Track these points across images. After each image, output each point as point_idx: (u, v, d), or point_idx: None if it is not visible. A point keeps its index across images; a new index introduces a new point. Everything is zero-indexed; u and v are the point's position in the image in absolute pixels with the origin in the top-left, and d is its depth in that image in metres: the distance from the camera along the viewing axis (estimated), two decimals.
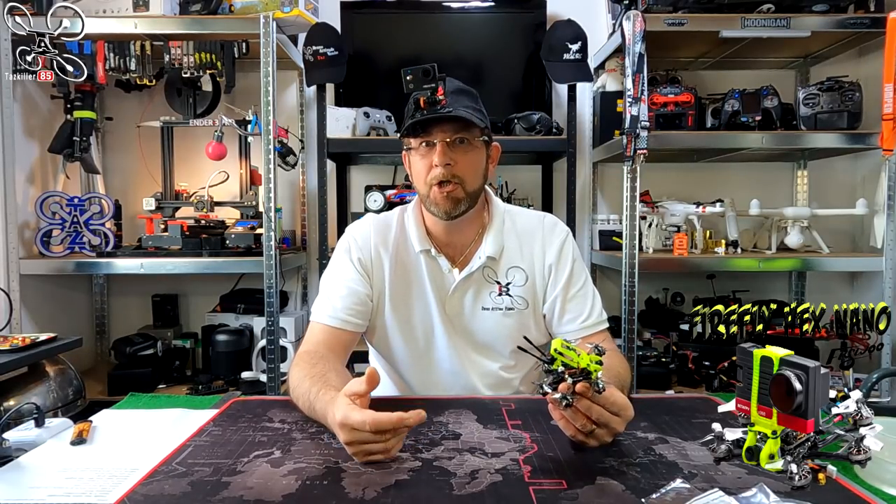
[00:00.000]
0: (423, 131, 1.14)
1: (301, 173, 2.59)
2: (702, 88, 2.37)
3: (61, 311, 2.41)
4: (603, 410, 0.82)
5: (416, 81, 1.09)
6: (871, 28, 2.03)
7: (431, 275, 1.23)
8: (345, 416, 0.81)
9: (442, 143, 1.12)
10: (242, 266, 2.17)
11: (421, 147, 1.15)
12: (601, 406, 0.82)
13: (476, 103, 1.19)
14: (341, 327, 1.18)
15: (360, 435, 0.80)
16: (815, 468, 0.75)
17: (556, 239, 1.25)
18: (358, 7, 2.45)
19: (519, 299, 1.23)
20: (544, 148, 2.32)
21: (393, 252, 1.24)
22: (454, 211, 1.16)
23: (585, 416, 0.82)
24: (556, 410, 0.84)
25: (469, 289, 1.23)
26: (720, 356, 2.11)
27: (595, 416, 0.82)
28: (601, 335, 1.23)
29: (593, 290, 1.26)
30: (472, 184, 1.17)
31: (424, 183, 1.16)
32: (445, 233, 1.23)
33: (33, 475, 0.81)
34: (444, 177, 1.13)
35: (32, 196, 2.22)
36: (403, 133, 1.16)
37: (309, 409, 0.98)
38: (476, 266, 1.22)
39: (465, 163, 1.15)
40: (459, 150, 1.14)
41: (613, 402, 0.83)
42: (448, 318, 1.23)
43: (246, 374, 2.25)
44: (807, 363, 0.75)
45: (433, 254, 1.22)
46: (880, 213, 2.16)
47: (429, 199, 1.17)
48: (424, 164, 1.15)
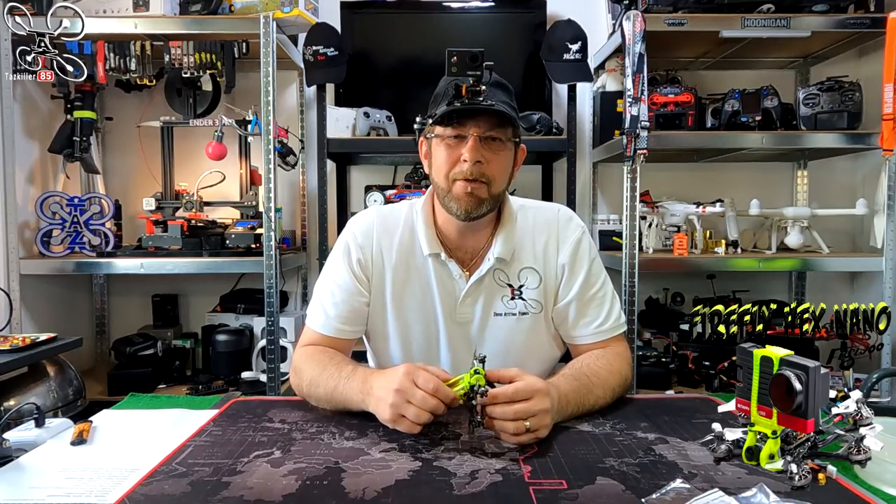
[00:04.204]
0: (457, 121, 1.05)
1: (301, 173, 2.59)
2: (702, 88, 2.37)
3: (61, 311, 2.41)
4: (510, 407, 0.86)
5: (461, 66, 0.99)
6: (871, 28, 2.03)
7: (440, 280, 1.15)
8: (415, 367, 0.90)
9: (475, 138, 1.04)
10: (242, 266, 2.18)
11: (449, 137, 1.07)
12: (504, 404, 0.86)
13: (512, 100, 1.11)
14: (335, 336, 1.15)
15: (413, 389, 0.87)
16: (815, 468, 0.75)
17: (570, 236, 1.17)
18: (358, 7, 2.45)
19: (533, 303, 1.16)
20: (544, 148, 2.32)
21: (397, 252, 1.16)
22: (475, 211, 1.08)
23: (504, 419, 0.86)
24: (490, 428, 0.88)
25: (480, 294, 1.15)
26: (720, 356, 2.11)
27: (511, 415, 0.86)
28: (614, 340, 1.16)
29: (612, 293, 1.19)
30: (499, 186, 1.09)
31: (446, 176, 1.08)
32: (458, 234, 1.15)
33: (33, 475, 0.81)
34: (471, 174, 1.05)
35: (32, 196, 2.22)
36: (436, 120, 1.06)
37: (332, 392, 1.01)
38: (486, 269, 1.14)
39: (496, 163, 1.07)
40: (492, 148, 1.06)
41: (513, 392, 0.87)
42: (456, 326, 1.16)
43: (246, 374, 2.25)
44: (807, 363, 0.75)
45: (443, 258, 1.14)
46: (880, 213, 2.16)
47: (449, 193, 1.08)
48: (450, 157, 1.07)
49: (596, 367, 1.07)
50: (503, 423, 0.86)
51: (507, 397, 0.86)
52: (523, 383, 0.88)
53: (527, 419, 0.85)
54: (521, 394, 0.86)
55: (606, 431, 0.94)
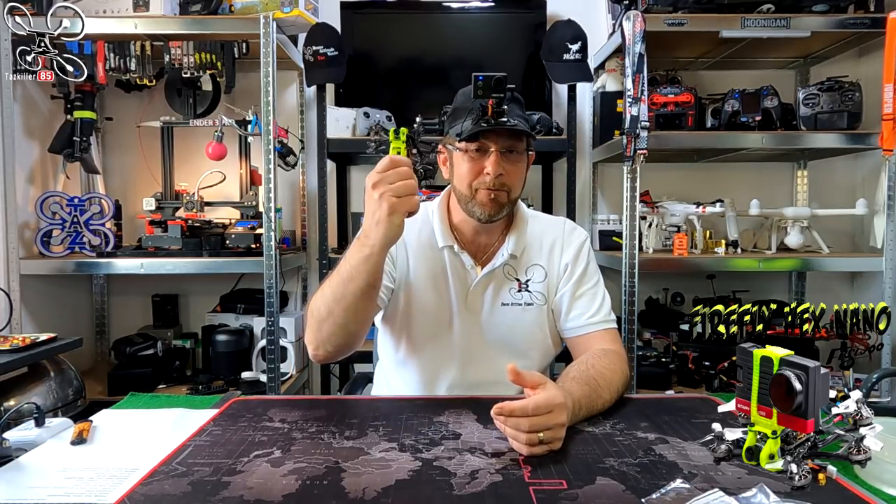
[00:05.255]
0: (481, 137, 1.18)
1: (301, 173, 2.59)
2: (702, 88, 2.37)
3: (61, 311, 2.41)
4: (527, 420, 0.84)
5: (486, 89, 1.10)
6: (871, 28, 2.03)
7: (454, 269, 1.27)
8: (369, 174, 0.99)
9: (497, 154, 1.17)
10: (242, 266, 2.17)
11: (472, 151, 1.19)
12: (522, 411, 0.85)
13: (524, 112, 1.26)
14: None
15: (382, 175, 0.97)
16: (815, 468, 0.75)
17: (575, 241, 1.31)
18: (358, 7, 2.45)
19: (537, 295, 1.27)
20: (544, 148, 2.32)
21: (417, 244, 1.28)
22: (496, 215, 1.21)
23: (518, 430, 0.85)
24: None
25: (490, 284, 1.27)
26: (720, 356, 2.11)
27: (526, 427, 0.84)
28: (608, 334, 1.25)
29: (603, 292, 1.29)
30: (516, 192, 1.23)
31: (468, 186, 1.20)
32: (473, 233, 1.28)
33: (33, 475, 0.81)
34: (494, 185, 1.17)
35: (32, 196, 2.22)
36: (463, 137, 1.18)
37: (336, 278, 1.06)
38: (498, 263, 1.26)
39: (514, 172, 1.20)
40: (510, 159, 1.19)
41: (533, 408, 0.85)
42: (467, 313, 1.26)
43: (246, 374, 2.25)
44: (807, 363, 0.75)
45: (456, 250, 1.26)
46: (880, 213, 2.16)
47: (473, 200, 1.20)
48: (473, 168, 1.19)
49: (601, 368, 1.10)
50: (517, 433, 0.85)
51: (525, 412, 0.85)
52: (543, 398, 0.86)
53: (541, 432, 0.85)
54: (541, 409, 0.85)
55: (606, 431, 0.94)
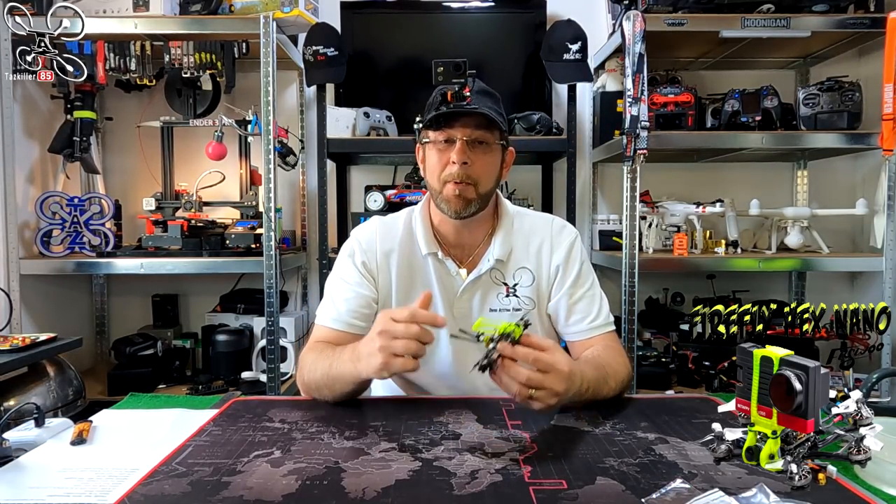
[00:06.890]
0: (445, 124, 1.14)
1: (301, 173, 2.59)
2: (702, 88, 2.37)
3: (61, 311, 2.41)
4: (525, 372, 0.86)
5: (446, 75, 1.08)
6: (871, 28, 2.03)
7: (439, 277, 1.23)
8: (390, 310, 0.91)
9: (461, 141, 1.13)
10: (242, 266, 2.18)
11: (439, 142, 1.15)
12: (523, 357, 0.86)
13: (498, 106, 1.20)
14: (346, 330, 1.18)
15: (393, 325, 0.88)
16: (815, 468, 0.75)
17: (564, 240, 1.26)
18: (358, 7, 2.45)
19: (526, 299, 1.24)
20: (544, 148, 2.32)
21: (399, 255, 1.24)
22: (464, 211, 1.16)
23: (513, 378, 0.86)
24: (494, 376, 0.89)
25: (477, 290, 1.24)
26: (720, 356, 2.11)
27: (522, 379, 0.86)
28: (609, 336, 1.23)
29: (601, 293, 1.27)
30: (485, 186, 1.17)
31: (437, 179, 1.16)
32: (455, 233, 1.24)
33: (33, 475, 0.81)
34: (459, 177, 1.13)
35: (32, 196, 2.22)
36: (425, 125, 1.16)
37: (328, 370, 1.03)
38: (484, 269, 1.22)
39: (482, 164, 1.15)
40: (478, 150, 1.15)
41: (533, 359, 0.87)
42: (454, 320, 1.22)
43: (246, 374, 2.25)
44: (807, 363, 0.75)
45: (440, 257, 1.22)
46: (880, 213, 2.16)
47: (441, 195, 1.17)
48: (440, 160, 1.15)
49: (608, 358, 1.11)
50: (510, 381, 0.87)
51: (526, 360, 0.86)
52: (548, 356, 0.89)
53: (534, 389, 0.87)
54: (539, 363, 0.87)
55: (606, 431, 0.94)
